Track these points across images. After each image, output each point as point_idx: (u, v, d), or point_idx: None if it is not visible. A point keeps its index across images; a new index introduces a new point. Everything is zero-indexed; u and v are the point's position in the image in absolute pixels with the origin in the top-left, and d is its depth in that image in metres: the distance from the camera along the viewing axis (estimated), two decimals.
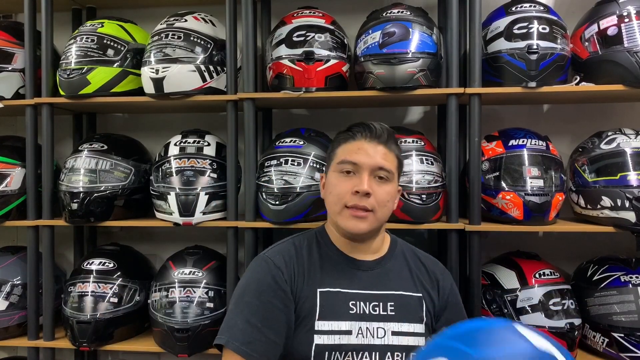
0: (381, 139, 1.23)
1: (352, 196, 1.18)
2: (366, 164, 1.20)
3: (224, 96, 1.81)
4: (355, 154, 1.21)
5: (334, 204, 1.22)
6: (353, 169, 1.21)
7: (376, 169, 1.20)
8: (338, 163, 1.23)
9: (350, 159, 1.21)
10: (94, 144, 1.89)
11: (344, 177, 1.21)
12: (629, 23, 1.61)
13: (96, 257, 1.89)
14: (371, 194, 1.18)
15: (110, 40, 1.84)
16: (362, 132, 1.24)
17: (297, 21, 1.77)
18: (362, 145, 1.22)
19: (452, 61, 1.69)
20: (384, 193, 1.20)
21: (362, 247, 1.26)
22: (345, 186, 1.20)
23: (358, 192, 1.18)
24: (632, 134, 1.70)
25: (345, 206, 1.20)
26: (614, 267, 1.71)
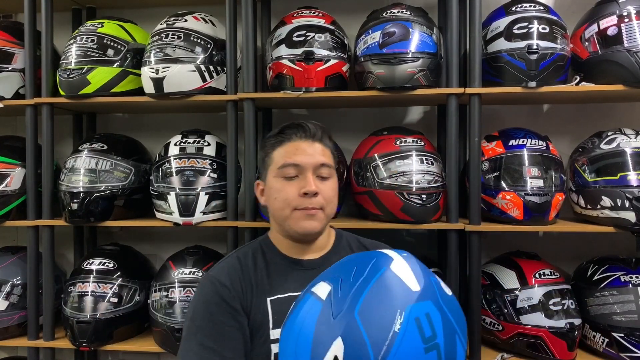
0: (316, 137, 1.22)
1: (300, 199, 1.17)
2: (308, 163, 1.19)
3: (224, 96, 1.81)
4: (295, 155, 1.19)
5: (281, 209, 1.19)
6: (296, 172, 1.19)
7: (318, 167, 1.19)
8: (279, 168, 1.20)
9: (292, 161, 1.19)
10: (94, 144, 1.89)
11: (287, 181, 1.19)
12: (629, 23, 1.61)
13: (96, 257, 1.89)
14: (319, 193, 1.17)
15: (110, 40, 1.84)
16: (297, 132, 1.22)
17: (297, 21, 1.77)
18: (299, 146, 1.21)
19: (452, 61, 1.69)
20: (329, 190, 1.21)
21: (308, 247, 1.25)
22: (291, 190, 1.18)
23: (307, 193, 1.16)
24: (632, 134, 1.70)
25: (294, 209, 1.18)
26: (614, 267, 1.71)
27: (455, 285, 1.68)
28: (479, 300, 1.68)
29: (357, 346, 0.74)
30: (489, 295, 1.72)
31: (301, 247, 1.24)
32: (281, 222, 1.22)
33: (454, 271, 1.68)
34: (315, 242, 1.25)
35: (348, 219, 1.84)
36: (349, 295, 0.80)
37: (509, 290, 1.68)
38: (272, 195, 1.22)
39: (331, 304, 0.81)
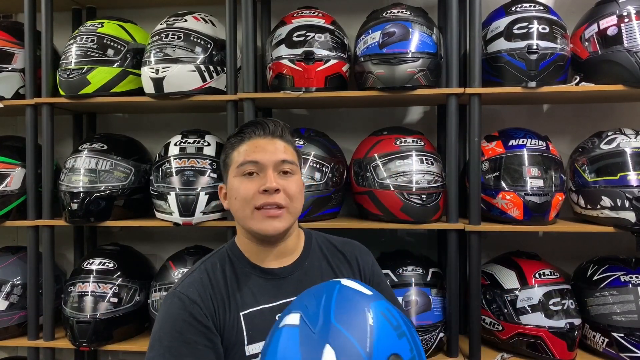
0: (275, 133, 1.16)
1: (261, 195, 1.10)
2: (268, 160, 1.12)
3: (224, 96, 1.81)
4: (254, 152, 1.13)
5: (242, 208, 1.12)
6: (255, 169, 1.12)
7: (279, 164, 1.13)
8: (238, 166, 1.14)
9: (250, 159, 1.12)
10: (94, 144, 1.89)
11: (247, 179, 1.12)
12: (629, 23, 1.61)
13: (96, 257, 1.89)
14: (280, 189, 1.11)
15: (110, 40, 1.84)
16: (255, 130, 1.16)
17: (297, 21, 1.77)
18: (259, 143, 1.14)
19: (452, 61, 1.69)
20: (292, 186, 1.13)
21: (277, 252, 1.17)
22: (251, 187, 1.11)
23: (267, 190, 1.09)
24: (632, 134, 1.70)
25: (255, 208, 1.11)
26: (613, 267, 1.71)
27: (455, 285, 1.68)
28: (479, 300, 1.69)
29: (346, 347, 0.79)
30: (489, 295, 1.72)
31: (269, 250, 1.16)
32: (243, 223, 1.14)
33: (454, 271, 1.68)
34: (284, 244, 1.17)
35: (348, 219, 1.84)
36: (319, 310, 0.86)
37: (509, 290, 1.68)
38: (232, 195, 1.15)
39: (307, 323, 0.85)
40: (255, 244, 1.16)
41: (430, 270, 1.75)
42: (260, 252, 1.16)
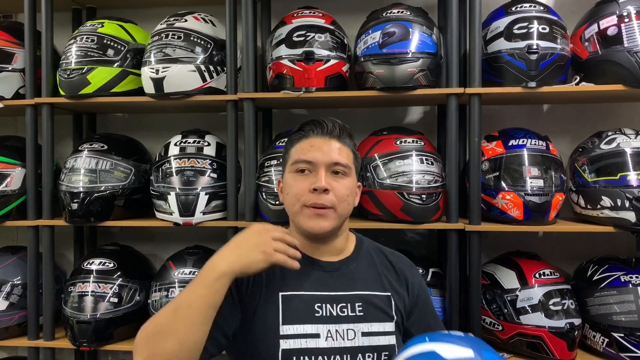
0: (333, 134, 1.20)
1: (310, 194, 1.15)
2: (321, 160, 1.16)
3: (224, 96, 1.81)
4: (309, 151, 1.18)
5: (292, 204, 1.18)
6: (308, 168, 1.17)
7: (332, 165, 1.17)
8: (292, 163, 1.20)
9: (304, 158, 1.18)
10: (94, 144, 1.89)
11: (300, 176, 1.18)
12: (629, 23, 1.61)
13: (96, 257, 1.89)
14: (330, 190, 1.15)
15: (110, 40, 1.84)
16: (314, 129, 1.21)
17: (297, 21, 1.77)
18: (315, 143, 1.19)
19: (452, 61, 1.69)
20: (342, 188, 1.17)
21: (325, 248, 1.22)
22: (302, 185, 1.16)
23: (316, 189, 1.14)
24: (632, 134, 1.70)
25: (304, 205, 1.16)
26: (613, 267, 1.71)
27: (455, 285, 1.68)
28: (479, 300, 1.69)
29: None
30: (489, 295, 1.72)
31: (316, 246, 1.21)
32: (293, 218, 1.20)
33: (454, 271, 1.68)
34: (332, 243, 1.22)
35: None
36: None
37: (509, 290, 1.68)
38: (286, 190, 1.21)
39: None
40: (303, 238, 1.21)
41: (430, 270, 1.75)
42: (308, 245, 1.21)
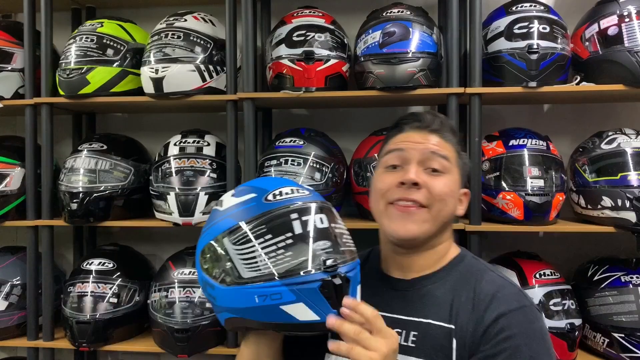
0: (432, 126, 1.03)
1: (397, 189, 0.97)
2: (414, 150, 0.99)
3: (224, 96, 1.80)
4: (402, 142, 1.03)
5: (376, 203, 1.02)
6: (399, 162, 1.01)
7: (428, 155, 0.99)
8: (383, 156, 1.05)
9: (395, 147, 1.03)
10: (93, 144, 1.89)
11: (388, 172, 1.02)
12: (630, 23, 1.61)
13: (96, 257, 1.89)
14: (421, 185, 0.96)
15: (109, 40, 1.84)
16: (410, 122, 1.05)
17: (297, 21, 1.77)
18: (410, 135, 1.03)
19: (452, 61, 1.69)
20: (440, 185, 0.97)
21: (409, 262, 1.03)
22: (390, 179, 0.99)
23: (404, 183, 0.96)
24: (632, 133, 1.70)
25: (389, 203, 0.99)
26: (614, 267, 1.70)
27: None
28: None
29: None
30: None
31: (403, 258, 1.03)
32: (378, 221, 1.04)
33: None
34: (424, 255, 1.02)
35: (348, 219, 1.83)
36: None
37: None
38: (372, 189, 1.05)
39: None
40: (389, 248, 1.05)
41: None
42: (393, 258, 1.05)
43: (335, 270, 0.83)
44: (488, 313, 0.92)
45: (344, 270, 0.85)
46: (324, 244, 0.85)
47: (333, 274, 0.82)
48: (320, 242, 0.85)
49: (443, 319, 0.95)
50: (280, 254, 0.82)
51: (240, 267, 0.84)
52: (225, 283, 0.86)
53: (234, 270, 0.84)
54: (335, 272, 0.83)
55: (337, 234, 0.88)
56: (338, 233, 0.89)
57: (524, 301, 0.95)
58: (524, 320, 0.92)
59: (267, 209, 0.86)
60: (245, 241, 0.84)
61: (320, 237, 0.85)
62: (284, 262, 0.82)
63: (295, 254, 0.83)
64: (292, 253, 0.82)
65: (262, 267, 0.82)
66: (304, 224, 0.85)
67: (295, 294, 0.81)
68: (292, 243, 0.83)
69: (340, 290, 0.83)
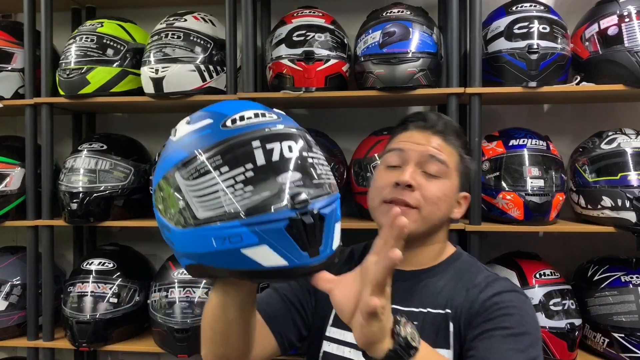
0: (435, 128, 1.04)
1: (392, 189, 1.00)
2: (413, 151, 1.01)
3: (224, 96, 1.80)
4: (400, 143, 1.04)
5: (372, 199, 1.05)
6: (399, 161, 1.02)
7: (426, 158, 1.00)
8: (383, 154, 1.07)
9: (395, 146, 1.04)
10: (93, 144, 1.89)
11: (388, 171, 1.03)
12: (630, 23, 1.61)
13: (96, 257, 1.89)
14: (415, 187, 0.98)
15: (109, 40, 1.84)
16: (415, 121, 1.06)
17: (297, 21, 1.77)
18: (413, 135, 1.04)
19: (452, 61, 1.69)
20: (433, 188, 0.99)
21: (406, 257, 1.00)
22: (387, 178, 1.01)
23: (399, 184, 0.98)
24: (632, 133, 1.70)
25: (383, 201, 1.01)
26: (614, 267, 1.70)
27: None
28: None
29: None
30: None
31: None
32: (373, 215, 1.06)
33: None
34: (415, 252, 1.04)
35: (348, 219, 1.83)
36: None
37: None
38: (372, 183, 1.07)
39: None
40: None
41: None
42: None
43: (306, 206, 0.69)
44: (483, 294, 0.98)
45: (318, 206, 0.71)
46: (293, 175, 0.71)
47: (303, 211, 0.69)
48: (287, 173, 0.70)
49: (440, 307, 1.00)
50: (239, 188, 0.69)
51: (194, 206, 0.71)
52: (181, 225, 0.73)
53: (188, 209, 0.71)
54: (305, 208, 0.69)
55: (310, 165, 0.74)
56: (311, 163, 0.74)
57: (516, 288, 1.03)
58: (517, 300, 0.97)
59: (225, 136, 0.72)
60: (198, 175, 0.70)
61: (288, 168, 0.71)
62: (244, 199, 0.68)
63: (258, 188, 0.69)
64: (254, 188, 0.69)
65: (219, 205, 0.69)
66: (268, 153, 0.71)
67: (258, 235, 0.68)
68: (253, 176, 0.69)
69: (312, 230, 0.70)
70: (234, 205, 0.68)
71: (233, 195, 0.69)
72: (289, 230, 0.69)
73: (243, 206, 0.68)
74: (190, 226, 0.71)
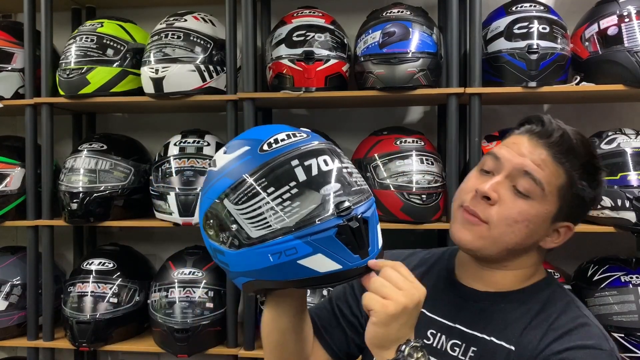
0: (550, 139, 0.86)
1: (470, 195, 0.89)
2: (508, 161, 0.87)
3: (224, 96, 1.80)
4: (502, 147, 0.91)
5: (454, 200, 0.95)
6: (492, 167, 0.90)
7: (520, 172, 0.86)
8: (483, 156, 0.95)
9: (493, 151, 0.91)
10: (93, 144, 1.89)
11: (480, 174, 0.92)
12: (629, 23, 1.61)
13: (96, 257, 1.89)
14: (494, 201, 0.86)
15: (109, 40, 1.84)
16: (529, 125, 0.91)
17: (297, 21, 1.77)
18: (519, 140, 0.90)
19: (452, 61, 1.69)
20: (512, 208, 0.85)
21: (483, 275, 0.93)
22: (473, 183, 0.91)
23: (477, 191, 0.88)
24: (632, 133, 1.70)
25: (460, 205, 0.91)
26: (614, 267, 1.70)
27: None
28: None
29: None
30: None
31: (478, 270, 0.94)
32: None
33: None
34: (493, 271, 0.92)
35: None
36: None
37: None
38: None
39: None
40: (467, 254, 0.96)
41: None
42: (466, 264, 0.97)
43: (350, 212, 0.76)
44: (555, 344, 0.84)
45: (360, 211, 0.78)
46: (334, 186, 0.77)
47: (348, 217, 0.76)
48: (328, 185, 0.77)
49: (506, 339, 0.88)
50: (287, 205, 0.75)
51: (247, 227, 0.77)
52: (235, 247, 0.78)
53: (241, 231, 0.77)
54: (350, 214, 0.76)
55: (346, 174, 0.80)
56: (347, 172, 0.81)
57: (603, 344, 0.84)
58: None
59: (265, 160, 0.78)
60: (247, 199, 0.77)
61: (328, 180, 0.78)
62: (293, 214, 0.75)
63: (304, 203, 0.75)
64: (300, 203, 0.75)
65: (271, 223, 0.75)
66: (307, 169, 0.77)
67: (311, 245, 0.74)
68: (298, 192, 0.76)
69: (360, 233, 0.77)
70: (284, 221, 0.75)
71: (282, 212, 0.75)
72: (339, 236, 0.75)
73: (293, 221, 0.75)
74: (245, 246, 0.77)
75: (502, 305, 0.91)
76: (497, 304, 0.91)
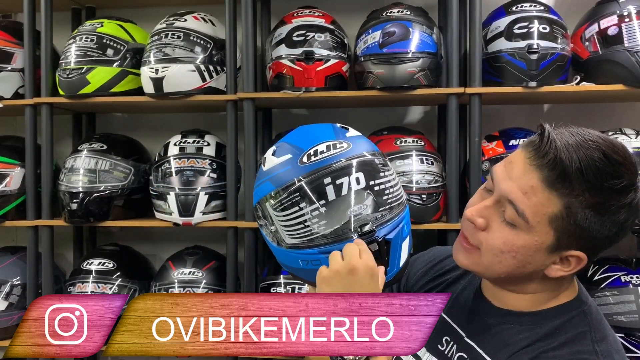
0: (544, 160, 0.75)
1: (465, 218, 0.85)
2: (497, 185, 0.80)
3: (224, 96, 1.80)
4: (501, 165, 0.83)
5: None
6: (491, 187, 0.83)
7: (505, 200, 0.78)
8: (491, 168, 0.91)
9: (493, 168, 0.83)
10: (93, 143, 1.89)
11: (482, 192, 0.86)
12: (630, 23, 1.61)
13: (96, 257, 1.89)
14: (481, 227, 0.81)
15: (109, 40, 1.84)
16: (531, 141, 0.80)
17: (297, 21, 1.77)
18: (517, 158, 0.80)
19: (452, 61, 1.69)
20: (499, 238, 0.79)
21: (496, 292, 0.89)
22: (474, 201, 0.86)
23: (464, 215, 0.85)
24: (632, 133, 1.70)
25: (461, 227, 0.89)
26: (614, 267, 1.70)
27: None
28: None
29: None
30: None
31: (492, 286, 0.90)
32: None
33: None
34: (504, 292, 0.87)
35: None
36: None
37: None
38: None
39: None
40: None
41: None
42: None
43: (372, 235, 0.83)
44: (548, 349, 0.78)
45: (383, 233, 0.84)
46: (360, 208, 0.83)
47: (369, 240, 0.82)
48: (355, 207, 0.83)
49: (495, 358, 0.84)
50: (315, 222, 0.83)
51: (282, 232, 0.86)
52: (276, 243, 0.89)
53: (278, 234, 0.87)
54: (372, 237, 0.82)
55: (377, 192, 0.85)
56: (378, 190, 0.85)
57: None
58: None
59: (302, 173, 0.85)
60: (283, 209, 0.85)
61: (356, 201, 0.84)
62: (319, 231, 0.83)
63: (330, 221, 0.83)
64: (327, 221, 0.82)
65: (300, 235, 0.84)
66: (338, 188, 0.83)
67: None
68: (326, 210, 0.83)
69: (379, 255, 0.82)
70: (311, 236, 0.84)
71: (310, 227, 0.83)
72: None
73: (319, 237, 0.84)
74: (282, 247, 0.88)
75: (511, 325, 0.85)
76: (508, 322, 0.85)
